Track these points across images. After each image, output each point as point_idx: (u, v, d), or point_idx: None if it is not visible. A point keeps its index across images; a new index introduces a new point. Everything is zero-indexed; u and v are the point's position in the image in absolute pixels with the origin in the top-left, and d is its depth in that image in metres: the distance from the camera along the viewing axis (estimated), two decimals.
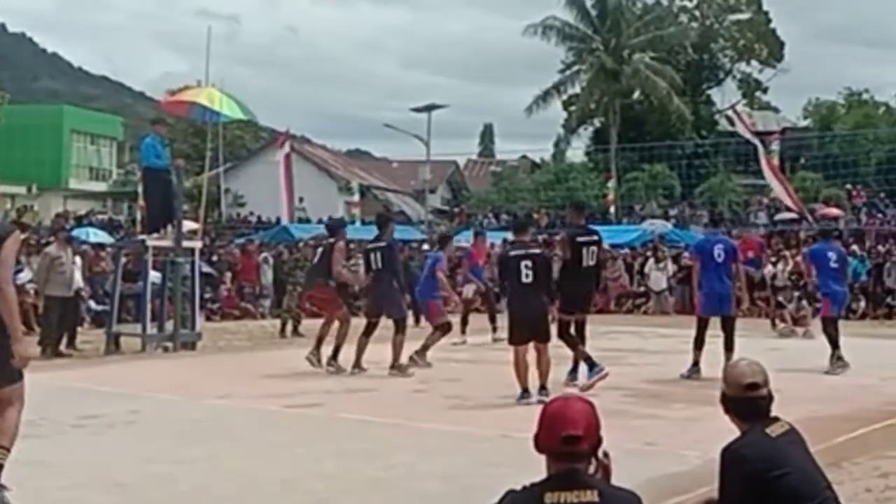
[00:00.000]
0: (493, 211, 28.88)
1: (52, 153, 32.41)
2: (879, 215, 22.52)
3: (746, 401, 2.63)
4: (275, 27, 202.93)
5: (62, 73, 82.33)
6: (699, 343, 8.21)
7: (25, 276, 11.17)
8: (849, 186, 25.67)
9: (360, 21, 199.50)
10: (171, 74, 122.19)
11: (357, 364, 8.45)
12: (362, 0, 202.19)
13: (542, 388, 6.74)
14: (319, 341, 8.79)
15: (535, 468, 2.28)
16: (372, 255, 8.59)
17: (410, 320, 10.43)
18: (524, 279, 6.94)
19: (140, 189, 15.57)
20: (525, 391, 6.79)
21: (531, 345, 6.82)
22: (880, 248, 18.16)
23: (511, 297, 7.36)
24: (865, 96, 34.66)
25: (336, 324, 8.82)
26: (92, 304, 13.52)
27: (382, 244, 8.64)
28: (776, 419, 2.65)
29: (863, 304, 15.76)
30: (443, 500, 4.30)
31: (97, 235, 18.09)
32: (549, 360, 6.95)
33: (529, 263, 6.95)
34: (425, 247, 18.96)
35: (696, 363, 8.10)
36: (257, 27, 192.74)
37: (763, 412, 2.64)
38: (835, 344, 8.73)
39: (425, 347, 9.15)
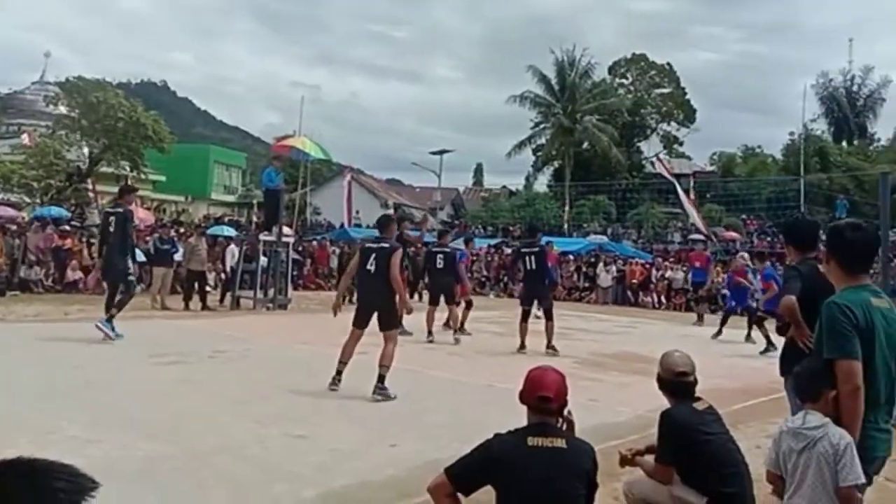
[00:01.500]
0: (482, 224, 28.87)
1: (201, 175, 33.80)
2: (768, 239, 22.11)
3: (677, 384, 2.46)
4: (343, 94, 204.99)
5: (209, 123, 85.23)
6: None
7: (178, 255, 11.38)
8: (744, 216, 24.96)
9: (393, 92, 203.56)
10: (273, 125, 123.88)
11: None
12: (395, 79, 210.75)
13: None
14: (462, 323, 8.70)
15: (513, 410, 2.21)
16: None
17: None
18: (439, 265, 8.39)
19: (256, 202, 16.36)
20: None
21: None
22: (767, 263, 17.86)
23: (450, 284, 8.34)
24: (758, 150, 34.06)
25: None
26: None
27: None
28: (699, 398, 2.49)
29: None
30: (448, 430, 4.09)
31: (228, 231, 18.19)
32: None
33: (443, 256, 8.44)
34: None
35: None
36: (332, 94, 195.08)
37: (690, 392, 2.47)
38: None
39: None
